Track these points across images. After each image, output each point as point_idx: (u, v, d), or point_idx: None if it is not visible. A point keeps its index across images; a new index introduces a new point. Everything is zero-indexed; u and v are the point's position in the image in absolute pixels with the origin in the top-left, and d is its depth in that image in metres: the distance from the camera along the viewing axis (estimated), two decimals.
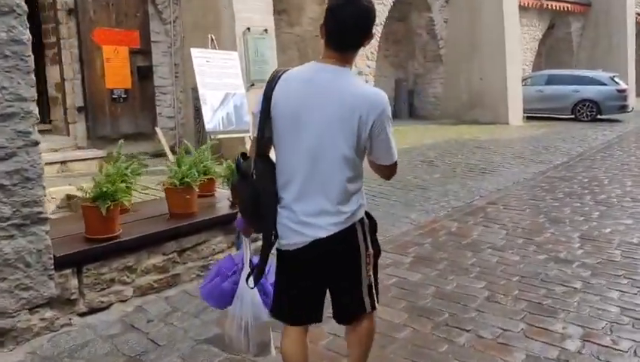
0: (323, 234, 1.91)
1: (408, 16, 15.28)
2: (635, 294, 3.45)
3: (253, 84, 7.98)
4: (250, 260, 2.17)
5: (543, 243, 4.53)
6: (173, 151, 8.30)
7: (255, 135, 1.97)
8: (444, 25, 15.18)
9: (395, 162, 1.98)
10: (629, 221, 5.17)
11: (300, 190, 1.91)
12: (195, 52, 7.09)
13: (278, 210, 1.97)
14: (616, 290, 3.51)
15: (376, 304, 2.10)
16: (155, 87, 8.34)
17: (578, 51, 20.99)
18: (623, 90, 14.97)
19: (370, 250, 2.03)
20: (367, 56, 12.62)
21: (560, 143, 10.83)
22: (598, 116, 15.08)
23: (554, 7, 18.64)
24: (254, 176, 1.96)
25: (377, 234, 2.12)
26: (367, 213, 2.05)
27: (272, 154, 2.04)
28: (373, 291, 2.07)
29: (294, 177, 1.91)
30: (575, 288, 3.56)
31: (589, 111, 15.15)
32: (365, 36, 1.87)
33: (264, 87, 1.93)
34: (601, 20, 20.50)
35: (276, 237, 2.00)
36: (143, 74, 8.02)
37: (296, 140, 1.88)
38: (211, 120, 7.11)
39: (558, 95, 15.45)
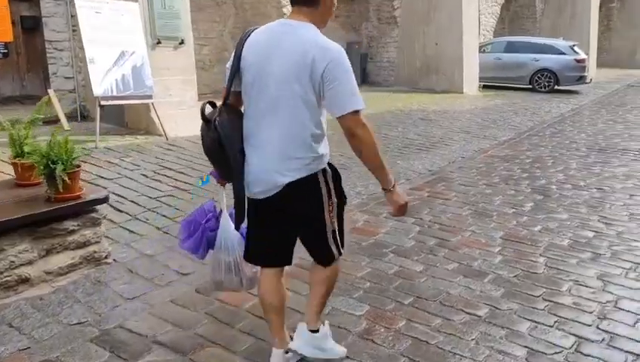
0: (286, 180, 2.00)
1: None
2: (551, 327, 2.71)
3: (159, 42, 6.92)
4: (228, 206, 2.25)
5: (457, 246, 3.77)
6: (71, 118, 7.23)
7: (225, 86, 2.09)
8: None
9: (355, 112, 1.92)
10: (564, 215, 4.46)
11: (264, 138, 2.01)
12: (79, 0, 5.96)
13: (247, 158, 2.06)
14: (529, 320, 2.77)
15: (342, 250, 2.22)
16: (46, 41, 7.16)
17: (541, 19, 20.25)
18: (582, 61, 14.31)
19: (334, 199, 2.11)
20: None
21: (511, 116, 10.14)
22: (556, 87, 14.46)
23: None
24: (217, 124, 2.01)
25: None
26: (329, 164, 2.12)
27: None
28: (337, 237, 2.17)
29: (259, 126, 2.02)
30: (478, 316, 2.80)
31: (546, 82, 14.49)
32: None
33: (236, 44, 2.06)
34: None
35: (242, 183, 2.07)
36: (29, 25, 6.84)
37: (260, 91, 1.99)
38: (101, 83, 6.05)
39: (517, 63, 14.71)
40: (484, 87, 14.45)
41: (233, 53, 2.06)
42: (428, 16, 13.72)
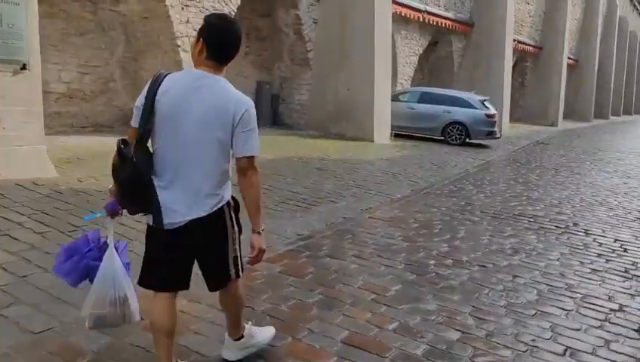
0: (197, 214, 2.20)
1: (274, 11, 13.58)
2: None
3: None
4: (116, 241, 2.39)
5: (281, 356, 2.86)
6: None
7: (135, 125, 2.23)
8: (314, 26, 13.66)
9: (251, 158, 2.21)
10: (432, 306, 3.68)
11: (180, 174, 2.19)
12: None
13: (158, 192, 2.21)
14: None
15: (240, 273, 2.43)
16: None
17: (459, 71, 20.59)
18: (492, 116, 14.33)
19: (236, 228, 2.37)
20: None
21: (415, 170, 9.62)
22: (468, 140, 14.35)
23: (436, 23, 17.91)
24: (135, 160, 2.15)
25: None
26: (232, 196, 2.36)
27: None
28: (239, 261, 2.41)
29: (175, 162, 2.19)
30: None
31: (458, 134, 14.36)
32: (235, 50, 2.28)
33: (147, 84, 2.23)
34: (482, 42, 20.24)
35: (155, 215, 2.24)
36: None
37: (177, 131, 2.17)
38: None
39: (430, 114, 14.55)
40: (397, 135, 14.11)
41: (144, 95, 2.20)
42: (341, 61, 13.27)
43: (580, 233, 6.12)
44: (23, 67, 6.04)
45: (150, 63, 10.41)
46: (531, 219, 6.57)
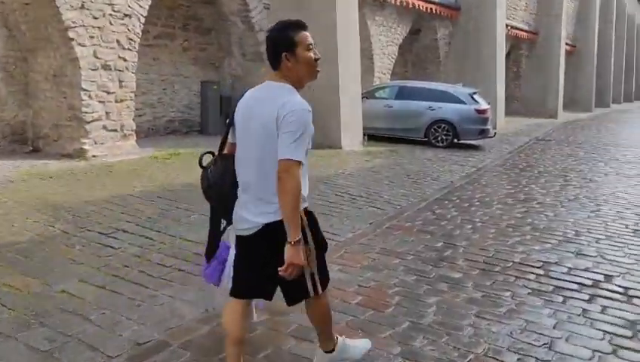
0: (263, 221, 2.23)
1: None
2: None
3: None
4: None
5: None
6: None
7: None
8: (265, 13, 11.41)
9: (289, 161, 2.12)
10: None
11: (248, 182, 2.27)
12: None
13: (237, 199, 2.33)
14: None
15: (319, 289, 2.37)
16: None
17: (445, 62, 18.32)
18: (484, 111, 12.08)
19: (311, 244, 2.29)
20: (119, 41, 8.41)
21: (382, 188, 7.40)
22: (456, 141, 12.13)
23: (417, 7, 15.66)
24: (209, 172, 2.39)
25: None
26: (308, 212, 2.34)
27: None
28: (316, 278, 2.34)
29: (244, 172, 2.29)
30: None
31: (444, 135, 12.13)
32: (271, 56, 2.28)
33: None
34: (471, 28, 17.97)
35: (229, 223, 2.43)
36: None
37: (245, 142, 2.27)
38: None
39: (410, 112, 12.31)
40: (373, 139, 11.89)
41: (233, 109, 2.36)
42: None
43: (618, 296, 3.91)
44: None
45: (43, 64, 8.17)
46: (541, 273, 4.33)
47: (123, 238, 4.71)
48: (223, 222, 2.47)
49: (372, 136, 11.97)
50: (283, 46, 2.23)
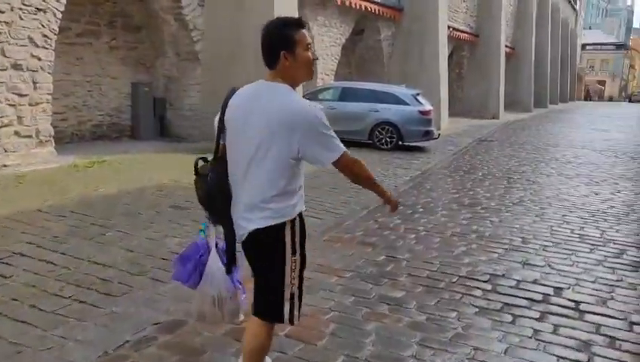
0: (255, 226, 2.13)
1: None
2: None
3: None
4: (216, 244, 2.39)
5: None
6: None
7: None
8: (200, 10, 10.78)
9: (339, 159, 2.10)
10: None
11: (242, 187, 2.17)
12: None
13: (232, 205, 2.23)
14: None
15: (295, 320, 2.24)
16: None
17: (389, 63, 18.19)
18: (427, 112, 11.91)
19: (298, 257, 2.19)
20: (31, 38, 7.60)
21: (323, 194, 7.00)
22: (401, 143, 11.90)
23: (359, 7, 15.39)
24: (209, 179, 2.24)
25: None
26: (301, 219, 2.23)
27: None
28: (296, 303, 2.22)
29: (237, 176, 2.18)
30: None
31: (388, 137, 11.88)
32: (268, 55, 2.14)
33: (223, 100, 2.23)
34: (414, 29, 17.91)
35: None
36: None
37: (239, 144, 2.15)
38: None
39: (354, 114, 11.98)
40: None
41: (220, 109, 2.23)
42: (237, 53, 10.47)
43: (569, 311, 3.63)
44: None
45: None
46: (488, 288, 4.01)
47: (18, 264, 4.05)
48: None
49: None
50: (282, 44, 2.12)
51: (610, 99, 69.34)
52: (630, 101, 61.46)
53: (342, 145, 2.11)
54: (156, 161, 8.80)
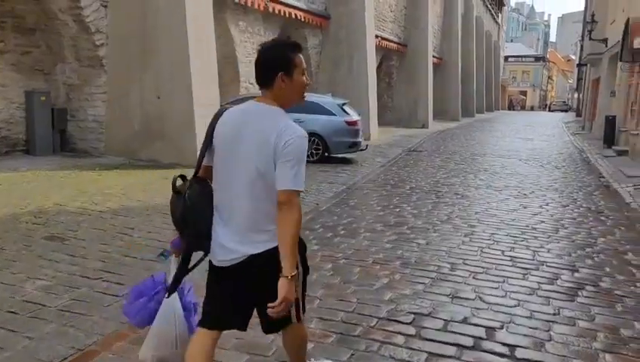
0: (251, 251, 2.06)
1: None
2: None
3: None
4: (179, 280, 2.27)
5: None
6: None
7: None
8: (103, 10, 9.74)
9: (293, 191, 2.00)
10: None
11: (233, 210, 2.08)
12: None
13: (214, 228, 2.14)
14: None
15: (302, 316, 2.24)
16: None
17: (317, 72, 17.67)
18: (354, 123, 11.41)
19: (299, 269, 2.10)
20: None
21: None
22: (327, 155, 11.32)
23: (283, 13, 14.76)
24: (187, 197, 2.13)
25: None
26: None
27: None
28: (300, 304, 2.20)
29: (228, 199, 2.09)
30: None
31: (314, 149, 11.26)
32: (264, 75, 2.10)
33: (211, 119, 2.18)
34: (342, 37, 17.50)
35: (206, 253, 2.20)
36: None
37: (230, 166, 2.08)
38: None
39: None
40: None
41: (208, 128, 2.16)
42: (145, 58, 9.52)
43: (504, 359, 3.07)
44: None
45: None
46: (411, 332, 3.38)
47: None
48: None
49: None
50: (281, 66, 2.09)
51: (532, 108, 72.76)
52: (550, 110, 64.73)
53: (302, 184, 2.03)
54: (48, 180, 7.71)
